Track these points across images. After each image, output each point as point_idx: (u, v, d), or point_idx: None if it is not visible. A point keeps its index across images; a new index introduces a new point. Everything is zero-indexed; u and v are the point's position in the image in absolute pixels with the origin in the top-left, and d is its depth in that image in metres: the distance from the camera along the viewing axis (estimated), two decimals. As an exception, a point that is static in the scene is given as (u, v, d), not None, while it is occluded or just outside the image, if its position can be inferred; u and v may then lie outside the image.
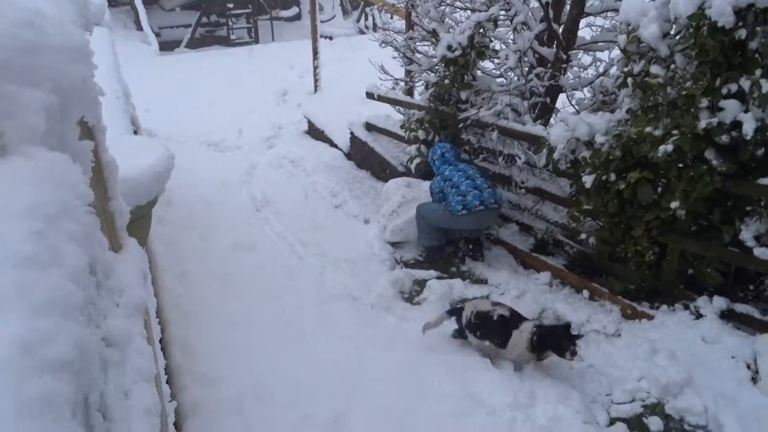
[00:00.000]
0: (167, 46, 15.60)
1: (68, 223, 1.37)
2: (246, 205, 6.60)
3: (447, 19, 6.34)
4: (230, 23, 17.04)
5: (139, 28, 15.31)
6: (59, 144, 1.62)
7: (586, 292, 4.54)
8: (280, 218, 6.24)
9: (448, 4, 6.33)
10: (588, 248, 4.67)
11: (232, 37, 17.00)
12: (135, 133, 6.25)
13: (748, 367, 3.42)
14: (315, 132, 8.60)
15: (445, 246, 5.49)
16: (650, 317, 4.05)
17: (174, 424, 3.25)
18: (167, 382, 3.60)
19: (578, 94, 5.53)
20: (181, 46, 16.15)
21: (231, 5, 16.80)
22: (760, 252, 3.52)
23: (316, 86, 10.06)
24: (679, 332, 3.78)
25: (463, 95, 5.69)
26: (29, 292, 1.12)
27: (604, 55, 5.58)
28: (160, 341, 3.97)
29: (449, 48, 5.52)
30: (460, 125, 5.71)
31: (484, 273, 5.09)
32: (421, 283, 4.97)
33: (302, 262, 5.35)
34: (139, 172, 3.91)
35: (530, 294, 4.64)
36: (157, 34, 15.46)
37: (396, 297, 4.78)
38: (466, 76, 5.66)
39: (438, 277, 5.04)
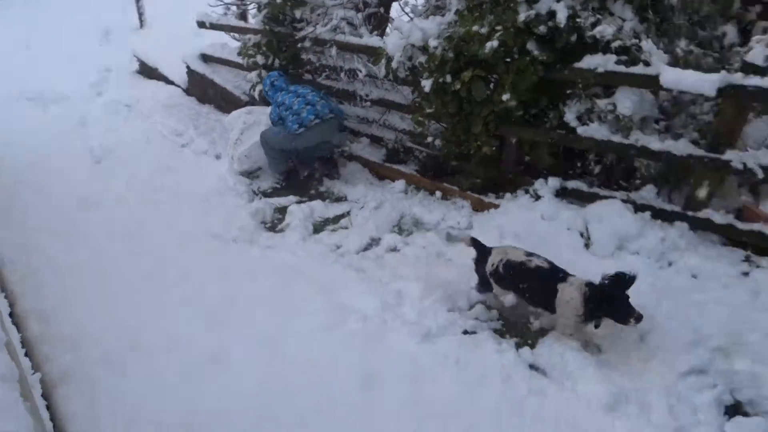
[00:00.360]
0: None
1: None
2: (84, 159, 6.13)
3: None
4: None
5: None
6: None
7: (438, 193, 4.76)
8: (124, 167, 5.87)
9: None
10: (436, 151, 4.85)
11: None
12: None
13: (582, 234, 3.79)
14: (147, 71, 8.06)
15: (299, 169, 5.47)
16: (496, 206, 4.33)
17: (42, 395, 3.07)
18: (26, 355, 3.37)
19: (412, 1, 5.55)
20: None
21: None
22: (582, 130, 3.83)
23: (141, 21, 9.35)
24: (522, 215, 4.08)
25: (298, 14, 5.54)
26: None
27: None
28: (11, 315, 3.69)
29: (275, -35, 5.31)
30: (299, 45, 5.59)
31: (342, 190, 5.16)
32: (282, 210, 4.95)
33: (156, 207, 5.11)
34: None
35: (388, 203, 4.78)
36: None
37: (258, 228, 4.74)
38: (295, -7, 5.49)
39: (298, 202, 5.05)
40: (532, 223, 3.96)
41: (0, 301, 3.84)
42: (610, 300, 2.88)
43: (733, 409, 2.71)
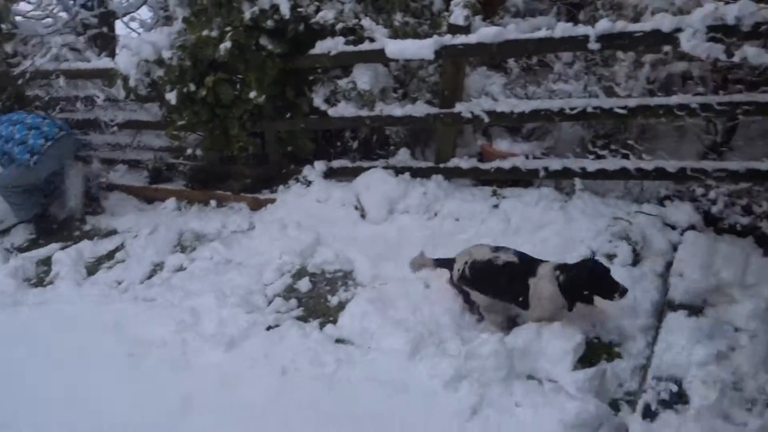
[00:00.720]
0: None
1: None
2: None
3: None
4: None
5: None
6: None
7: (213, 202, 4.70)
8: None
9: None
10: (199, 161, 4.77)
11: None
12: None
13: (356, 207, 4.02)
14: None
15: (56, 212, 5.02)
16: (273, 201, 4.40)
17: None
18: None
19: (145, 15, 5.35)
20: None
21: None
22: (332, 112, 4.06)
23: None
24: (298, 203, 4.22)
25: (9, 48, 5.03)
26: None
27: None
28: None
29: (-33, -1, 4.76)
30: (19, 81, 5.08)
31: (110, 224, 4.86)
32: (45, 262, 4.51)
33: None
34: None
35: (163, 225, 4.60)
36: None
37: (22, 286, 4.27)
38: (3, 26, 4.97)
39: (62, 248, 4.62)
40: (310, 208, 4.11)
41: None
42: (591, 281, 2.66)
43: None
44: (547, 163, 3.70)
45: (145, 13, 5.26)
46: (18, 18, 5.22)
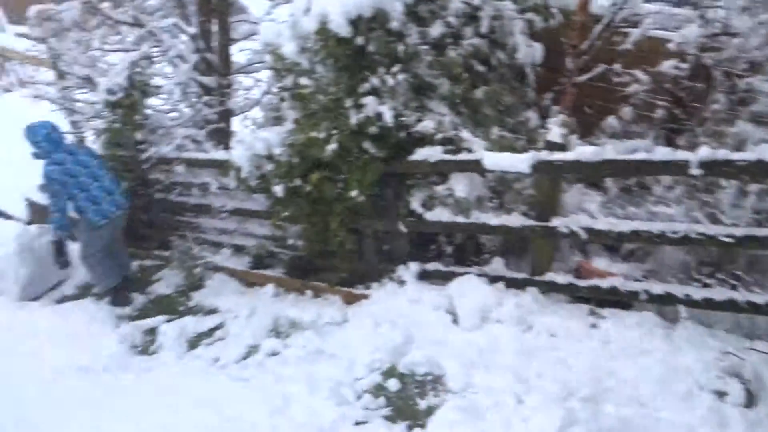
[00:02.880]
0: None
1: None
2: None
3: (99, 63, 6.09)
4: None
5: None
6: None
7: (309, 292, 4.88)
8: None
9: (97, 49, 6.07)
10: (300, 251, 5.01)
11: None
12: None
13: (448, 312, 4.08)
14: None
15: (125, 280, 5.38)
16: (366, 297, 4.53)
17: None
18: None
19: (251, 115, 5.79)
20: None
21: None
22: (429, 216, 4.20)
23: (-33, 158, 8.78)
24: (392, 301, 4.31)
25: (139, 136, 5.57)
26: None
27: (262, 75, 5.92)
28: None
29: (110, 92, 5.36)
30: (145, 166, 5.59)
31: (212, 302, 5.13)
32: (151, 332, 4.83)
33: (11, 351, 4.74)
34: None
35: (261, 309, 4.82)
36: None
37: (129, 352, 4.60)
38: (136, 117, 5.54)
39: (168, 321, 4.94)
40: (402, 308, 4.19)
41: None
42: None
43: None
44: (649, 287, 3.64)
45: (257, 112, 5.68)
46: (149, 111, 5.79)
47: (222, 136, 5.72)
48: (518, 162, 3.66)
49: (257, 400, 3.75)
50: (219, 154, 5.11)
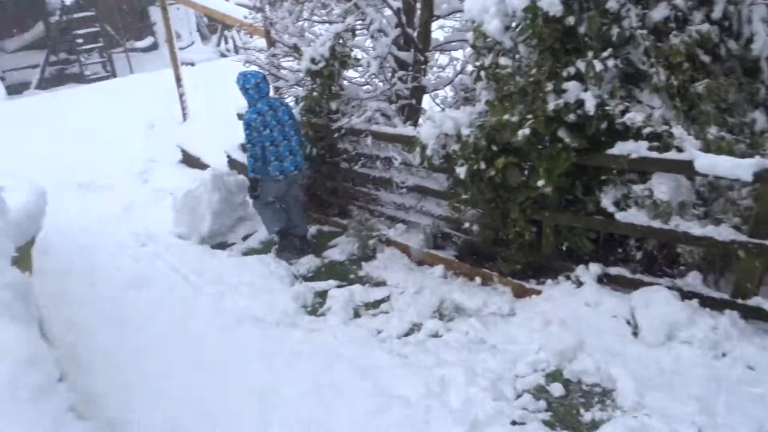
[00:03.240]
0: (15, 89, 14.63)
1: None
2: (129, 243, 6.34)
3: (306, 34, 6.40)
4: (82, 59, 16.19)
5: (-19, 75, 14.25)
6: None
7: (478, 279, 4.76)
8: (169, 251, 6.05)
9: (305, 20, 6.39)
10: (474, 236, 4.90)
11: (87, 73, 16.18)
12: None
13: (628, 322, 3.74)
14: (190, 160, 8.39)
15: (289, 230, 5.82)
16: (538, 292, 4.31)
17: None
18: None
19: (442, 93, 5.77)
20: (30, 87, 15.16)
21: (80, 41, 15.98)
22: (620, 216, 3.85)
23: (184, 114, 9.81)
24: (565, 301, 4.06)
25: (333, 105, 5.78)
26: None
27: (459, 54, 5.86)
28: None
29: (313, 61, 5.60)
30: (335, 135, 5.80)
31: (381, 275, 5.21)
32: (322, 294, 5.02)
33: (199, 291, 5.22)
34: (12, 210, 3.63)
35: (428, 289, 4.80)
36: (2, 78, 14.45)
37: (300, 311, 4.81)
38: (333, 87, 5.75)
39: (338, 286, 5.11)
40: (577, 310, 3.92)
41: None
42: None
43: None
44: None
45: (448, 91, 5.63)
46: (345, 82, 5.99)
47: (411, 112, 5.75)
48: (739, 168, 3.22)
49: (414, 378, 3.73)
50: (407, 130, 5.13)
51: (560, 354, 3.68)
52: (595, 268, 4.11)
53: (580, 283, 4.13)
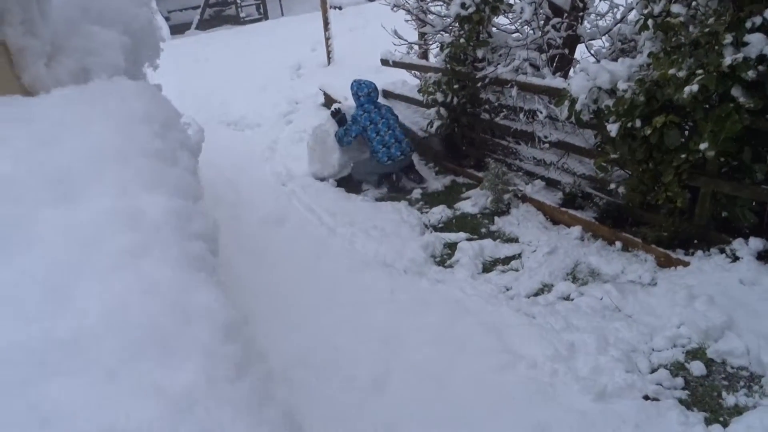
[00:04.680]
0: (177, 29, 15.64)
1: (175, 133, 1.63)
2: (270, 181, 6.66)
3: (458, -23, 6.21)
4: (239, 2, 16.94)
5: (149, 14, 15.34)
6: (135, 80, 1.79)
7: (618, 244, 4.49)
8: (306, 191, 6.28)
9: (459, -38, 6.19)
10: (618, 199, 4.61)
11: (242, 15, 16.94)
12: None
13: (791, 306, 3.37)
14: (331, 103, 8.54)
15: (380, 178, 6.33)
16: (686, 264, 4.00)
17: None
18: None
19: (597, 44, 5.40)
20: (191, 28, 16.13)
21: (238, -17, 16.72)
22: (795, 188, 3.44)
23: (329, 58, 10.00)
24: (716, 276, 3.73)
25: (480, 53, 5.60)
26: (164, 178, 1.38)
27: (620, 1, 5.43)
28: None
29: (463, 5, 5.44)
30: (479, 84, 5.64)
31: (513, 231, 5.07)
32: (451, 246, 4.99)
33: (332, 232, 5.39)
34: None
35: (562, 249, 4.62)
36: (167, 18, 15.48)
37: (428, 261, 4.81)
38: (481, 34, 5.58)
39: (468, 239, 5.05)
40: (729, 287, 3.59)
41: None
42: None
43: None
44: None
45: (604, 41, 5.26)
46: (494, 29, 5.77)
47: (563, 63, 5.45)
48: None
49: (541, 340, 3.64)
50: (556, 82, 4.87)
51: (705, 332, 3.41)
52: (755, 242, 3.73)
53: (735, 258, 3.77)
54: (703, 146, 3.67)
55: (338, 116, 6.36)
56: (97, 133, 1.37)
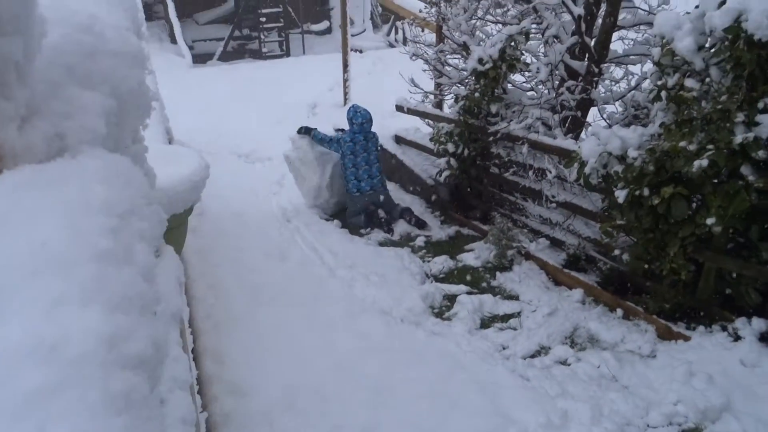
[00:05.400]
0: (200, 58, 15.88)
1: (137, 222, 1.38)
2: (276, 216, 6.66)
3: (478, 33, 6.33)
4: (262, 36, 17.26)
5: (174, 41, 15.65)
6: (116, 147, 1.62)
7: (620, 311, 4.44)
8: (310, 228, 6.28)
9: (479, 18, 6.31)
10: (621, 265, 4.57)
11: (264, 50, 17.22)
12: (169, 143, 6.35)
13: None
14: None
15: (365, 217, 6.39)
16: (686, 338, 3.93)
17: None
18: (198, 392, 3.63)
19: (609, 108, 5.44)
20: (213, 58, 16.40)
21: (263, 19, 17.05)
22: (802, 271, 3.40)
23: (345, 99, 10.11)
24: (717, 354, 3.66)
25: (494, 108, 5.65)
26: (108, 287, 1.12)
27: (636, 69, 5.49)
28: (192, 351, 4.01)
29: (480, 61, 5.50)
30: (490, 138, 5.67)
31: (515, 289, 5.02)
32: (451, 298, 4.94)
33: (332, 273, 5.35)
34: (176, 181, 3.93)
35: (562, 311, 4.56)
36: (191, 47, 15.75)
37: (426, 311, 4.75)
38: (496, 90, 5.62)
39: (468, 293, 5.00)
40: (730, 367, 3.52)
41: (187, 337, 4.21)
42: None
43: None
44: None
45: (617, 107, 5.29)
46: (509, 86, 5.83)
47: (575, 125, 5.47)
48: None
49: (534, 405, 3.56)
50: (567, 143, 4.89)
51: (702, 412, 3.32)
52: (759, 323, 3.67)
53: (737, 338, 3.70)
54: (710, 221, 3.65)
55: (303, 132, 6.71)
56: (40, 232, 1.19)
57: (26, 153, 1.33)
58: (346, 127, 6.65)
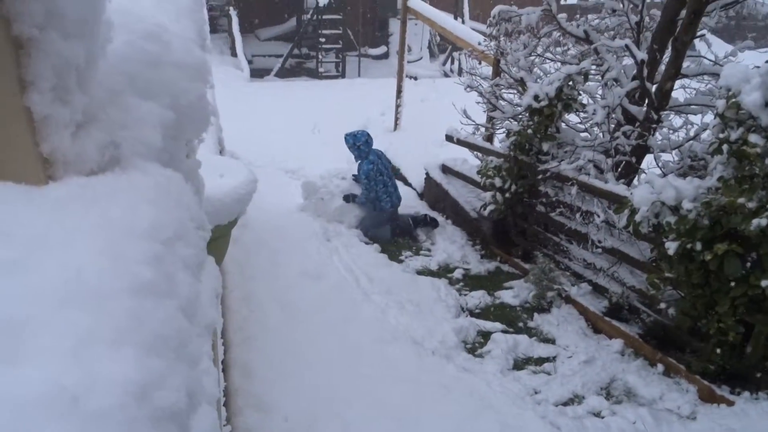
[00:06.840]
0: (258, 73, 16.23)
1: (183, 248, 1.27)
2: (317, 234, 6.67)
3: (536, 69, 6.28)
4: (320, 56, 17.57)
5: (234, 54, 16.09)
6: (170, 161, 1.57)
7: (660, 366, 4.27)
8: (349, 250, 6.27)
9: (538, 55, 6.27)
10: (666, 319, 4.41)
11: (321, 69, 17.51)
12: (220, 153, 6.46)
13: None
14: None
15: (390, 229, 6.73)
16: (730, 403, 3.75)
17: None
18: (224, 405, 3.61)
19: (665, 157, 5.30)
20: (271, 74, 16.75)
21: (323, 40, 17.37)
22: None
23: (396, 124, 10.15)
24: (762, 425, 3.48)
25: (545, 146, 5.57)
26: (144, 325, 0.99)
27: (696, 119, 5.35)
28: (222, 362, 4.01)
29: (536, 98, 5.44)
30: (539, 176, 5.58)
31: (552, 332, 4.90)
32: (485, 335, 4.85)
33: (367, 297, 5.32)
34: (223, 192, 3.96)
35: (600, 361, 4.42)
36: (250, 62, 16.15)
37: (458, 346, 4.67)
38: (549, 128, 5.55)
39: (503, 331, 4.91)
40: (774, 439, 3.35)
41: (218, 348, 4.20)
42: None
43: None
44: None
45: (673, 156, 5.15)
46: (563, 125, 5.75)
47: (628, 170, 5.35)
48: None
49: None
50: (618, 188, 4.77)
51: (742, 483, 3.15)
52: (811, 397, 3.47)
53: (786, 409, 3.51)
54: (765, 283, 3.49)
55: (350, 200, 6.92)
56: (76, 258, 1.03)
57: (78, 161, 1.26)
58: (352, 159, 7.11)
